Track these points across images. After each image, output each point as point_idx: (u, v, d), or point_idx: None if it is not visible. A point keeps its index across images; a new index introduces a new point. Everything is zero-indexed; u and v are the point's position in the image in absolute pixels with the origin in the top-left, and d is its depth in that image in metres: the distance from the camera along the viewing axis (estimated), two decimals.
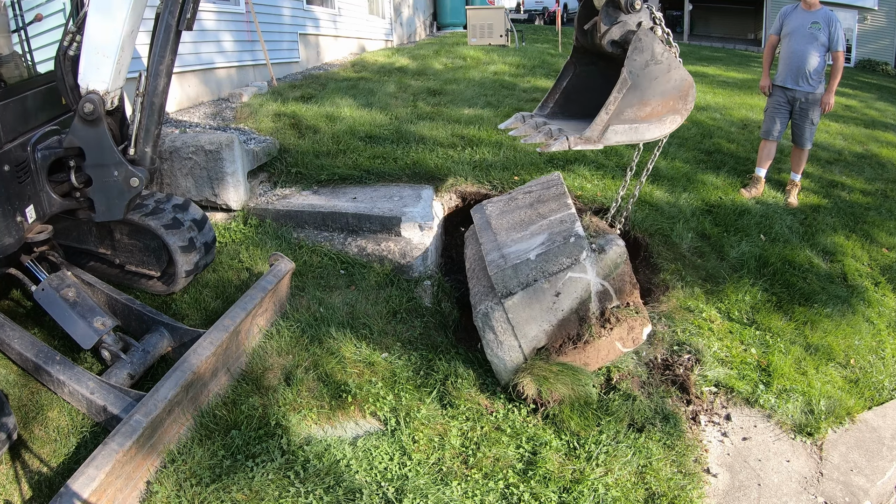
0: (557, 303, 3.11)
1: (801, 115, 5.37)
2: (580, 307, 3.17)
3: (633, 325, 3.26)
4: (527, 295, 3.07)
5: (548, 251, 3.08)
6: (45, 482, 2.51)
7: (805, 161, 5.58)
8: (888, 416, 3.47)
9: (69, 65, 2.81)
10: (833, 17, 5.18)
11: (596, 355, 3.22)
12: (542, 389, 3.01)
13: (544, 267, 3.08)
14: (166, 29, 2.79)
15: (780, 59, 5.46)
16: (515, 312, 3.09)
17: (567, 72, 3.35)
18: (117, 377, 2.80)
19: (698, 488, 2.83)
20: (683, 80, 2.92)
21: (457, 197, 4.78)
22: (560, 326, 3.16)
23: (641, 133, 2.92)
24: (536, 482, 2.70)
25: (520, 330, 3.11)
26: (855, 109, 9.66)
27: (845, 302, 4.26)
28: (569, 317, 3.15)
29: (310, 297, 3.67)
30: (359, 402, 3.01)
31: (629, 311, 3.29)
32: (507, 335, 3.11)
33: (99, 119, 2.81)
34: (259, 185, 4.82)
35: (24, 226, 2.90)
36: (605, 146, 2.88)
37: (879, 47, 19.26)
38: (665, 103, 2.91)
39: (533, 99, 7.24)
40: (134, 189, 2.96)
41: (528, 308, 3.09)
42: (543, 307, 3.10)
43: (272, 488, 2.49)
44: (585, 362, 3.20)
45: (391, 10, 13.60)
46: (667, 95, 2.89)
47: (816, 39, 5.15)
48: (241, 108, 6.08)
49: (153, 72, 2.86)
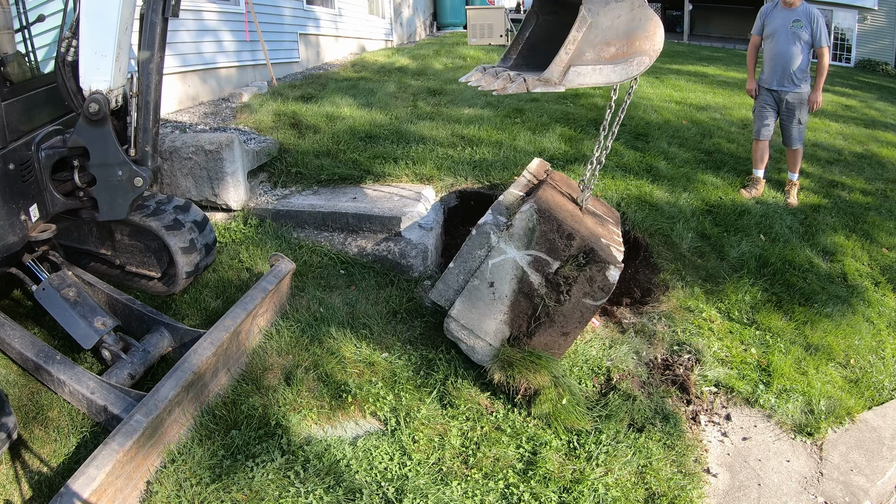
0: (497, 292, 3.14)
1: (788, 115, 5.30)
2: (521, 286, 3.13)
3: (591, 275, 3.06)
4: (465, 298, 3.18)
5: (462, 251, 3.21)
6: (45, 482, 2.51)
7: (800, 160, 5.53)
8: (888, 416, 3.47)
9: (69, 70, 2.81)
10: (814, 12, 5.03)
11: (569, 323, 3.13)
12: (509, 376, 3.06)
13: (465, 266, 3.19)
14: (151, 26, 2.80)
15: (765, 61, 5.36)
16: (465, 317, 3.18)
17: (529, 22, 3.20)
18: (118, 377, 2.80)
19: (698, 488, 2.83)
20: (649, 18, 2.76)
21: (457, 197, 4.78)
22: (515, 312, 3.15)
23: (607, 75, 2.76)
24: (536, 482, 2.71)
25: (479, 330, 3.18)
26: (855, 109, 9.66)
27: (845, 302, 4.26)
28: (517, 299, 3.14)
29: (310, 297, 3.67)
30: (359, 402, 3.01)
31: (576, 266, 3.09)
32: (471, 338, 3.21)
33: (104, 119, 2.82)
34: (259, 185, 4.82)
35: (27, 224, 2.91)
36: (569, 89, 2.74)
37: (879, 47, 19.25)
38: (630, 43, 2.76)
39: (533, 98, 7.24)
40: (138, 188, 2.97)
41: (474, 308, 3.17)
42: (486, 301, 3.16)
43: (272, 488, 2.50)
44: (564, 332, 3.15)
45: (391, 10, 13.60)
46: (631, 35, 2.74)
47: (799, 38, 5.05)
48: (241, 108, 6.08)
49: (144, 70, 2.87)
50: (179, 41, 6.05)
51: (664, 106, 7.74)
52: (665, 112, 7.42)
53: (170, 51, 5.89)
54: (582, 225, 3.16)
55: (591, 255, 3.01)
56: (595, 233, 3.20)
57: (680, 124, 7.00)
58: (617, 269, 3.03)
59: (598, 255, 3.00)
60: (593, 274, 3.04)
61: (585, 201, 3.38)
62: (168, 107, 5.93)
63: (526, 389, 3.07)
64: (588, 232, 3.13)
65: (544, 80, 2.67)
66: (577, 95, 7.41)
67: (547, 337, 3.14)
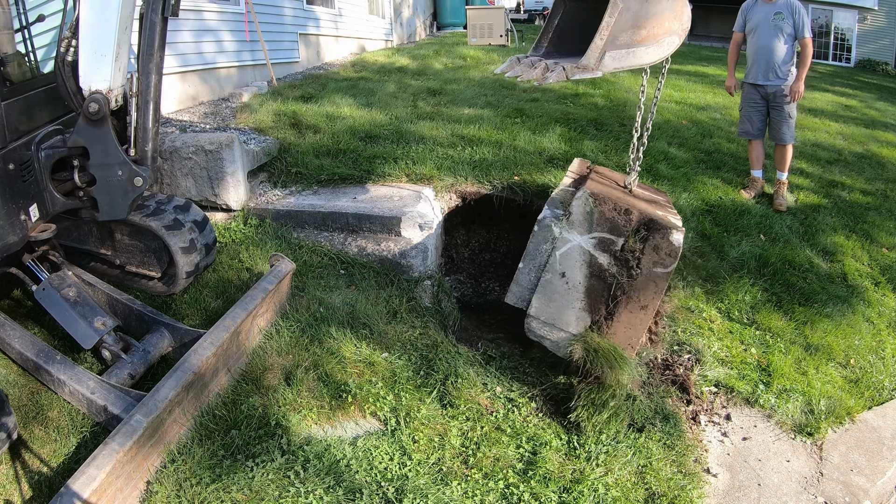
0: (570, 281, 3.16)
1: (777, 110, 5.23)
2: (592, 269, 3.15)
3: (656, 244, 3.04)
4: (541, 294, 3.19)
5: (528, 250, 3.24)
6: (45, 482, 2.51)
7: (790, 158, 5.41)
8: (888, 416, 3.47)
9: (69, 70, 2.81)
10: (795, 3, 4.98)
11: (645, 295, 3.12)
12: (590, 359, 3.07)
13: (534, 263, 3.20)
14: (151, 26, 2.80)
15: (748, 56, 5.30)
16: (544, 313, 3.20)
17: (557, 9, 3.24)
18: (118, 377, 2.80)
19: (698, 488, 2.83)
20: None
21: (457, 197, 4.77)
22: (591, 297, 3.17)
23: (640, 57, 2.80)
24: (536, 482, 2.71)
25: (561, 322, 3.20)
26: (855, 109, 9.66)
27: (845, 302, 4.26)
28: (590, 284, 3.16)
29: (310, 297, 3.67)
30: (359, 402, 3.01)
31: (640, 239, 3.08)
32: (555, 333, 3.24)
33: (104, 118, 2.82)
34: (259, 185, 4.82)
35: (27, 224, 2.90)
36: (605, 73, 2.76)
37: (879, 47, 19.25)
38: (660, 24, 2.79)
39: (533, 98, 7.24)
40: (138, 188, 2.97)
41: (551, 302, 3.19)
42: (561, 293, 3.17)
43: (272, 488, 2.50)
44: (643, 306, 3.14)
45: (391, 10, 13.60)
46: (661, 16, 2.77)
47: (782, 31, 5.00)
48: (241, 108, 6.08)
49: (144, 70, 2.86)
50: (180, 41, 6.05)
51: (664, 106, 7.74)
52: (665, 112, 7.42)
53: (170, 51, 5.90)
54: (636, 202, 3.23)
55: (652, 225, 3.05)
56: (649, 207, 3.25)
57: (680, 124, 7.00)
58: (680, 233, 3.05)
59: (658, 223, 3.05)
60: (658, 242, 3.06)
61: (633, 184, 3.44)
62: (168, 106, 5.93)
63: (596, 378, 3.07)
64: (644, 206, 3.21)
65: (582, 66, 2.69)
66: (577, 95, 7.42)
67: (627, 314, 3.14)
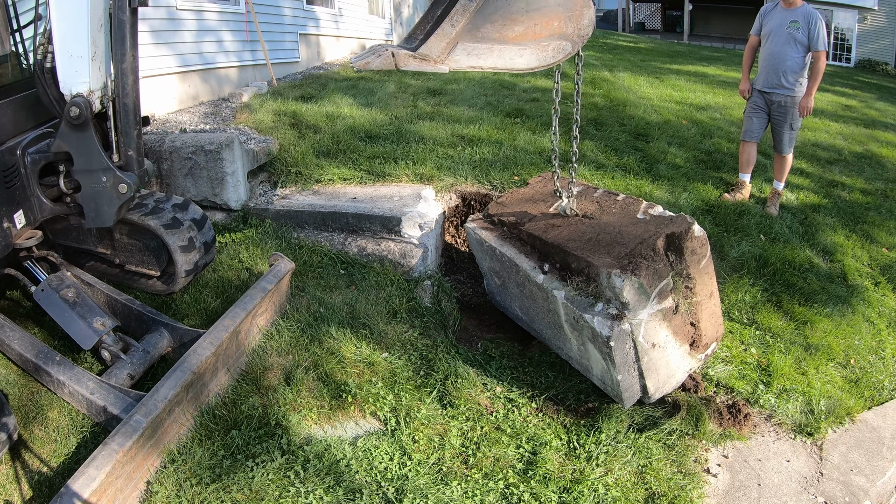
0: (659, 343, 2.95)
1: (780, 119, 5.10)
2: (670, 321, 2.94)
3: (692, 247, 2.86)
4: (648, 374, 2.97)
5: (615, 362, 2.90)
6: (45, 482, 2.51)
7: (788, 169, 5.32)
8: (888, 416, 3.47)
9: (49, 77, 2.73)
10: (813, 14, 4.83)
11: (706, 284, 3.00)
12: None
13: (627, 366, 2.92)
14: (119, 24, 2.67)
15: (759, 61, 5.19)
16: (659, 387, 3.06)
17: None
18: (117, 377, 2.80)
19: (698, 488, 2.83)
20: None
21: (457, 197, 4.77)
22: (680, 335, 3.01)
23: (510, 58, 2.22)
24: (536, 482, 2.70)
25: (673, 377, 3.08)
26: (855, 109, 9.66)
27: (845, 302, 4.26)
28: (676, 324, 2.98)
29: (310, 297, 3.67)
30: (359, 402, 3.01)
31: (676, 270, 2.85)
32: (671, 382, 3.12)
33: (86, 123, 2.74)
34: (259, 185, 4.82)
35: (11, 232, 2.83)
36: (456, 70, 2.23)
37: (879, 47, 19.27)
38: (544, 23, 2.23)
39: (533, 99, 7.24)
40: (123, 195, 2.88)
41: (657, 373, 3.02)
42: (661, 355, 2.97)
43: (272, 488, 2.49)
44: (710, 293, 3.05)
45: (391, 9, 13.60)
46: (547, 13, 2.22)
47: (794, 39, 4.85)
48: (241, 108, 6.08)
49: (118, 71, 2.75)
50: (180, 41, 6.05)
51: (664, 106, 7.74)
52: (665, 112, 7.42)
53: (170, 50, 5.91)
54: (633, 230, 2.96)
55: (674, 240, 2.83)
56: (638, 228, 2.99)
57: (680, 124, 7.00)
58: (692, 221, 2.93)
59: (675, 233, 2.83)
60: (691, 246, 2.91)
61: (572, 205, 3.25)
62: (168, 106, 5.93)
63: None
64: (639, 230, 2.92)
65: (421, 56, 2.18)
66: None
67: (706, 313, 3.05)
